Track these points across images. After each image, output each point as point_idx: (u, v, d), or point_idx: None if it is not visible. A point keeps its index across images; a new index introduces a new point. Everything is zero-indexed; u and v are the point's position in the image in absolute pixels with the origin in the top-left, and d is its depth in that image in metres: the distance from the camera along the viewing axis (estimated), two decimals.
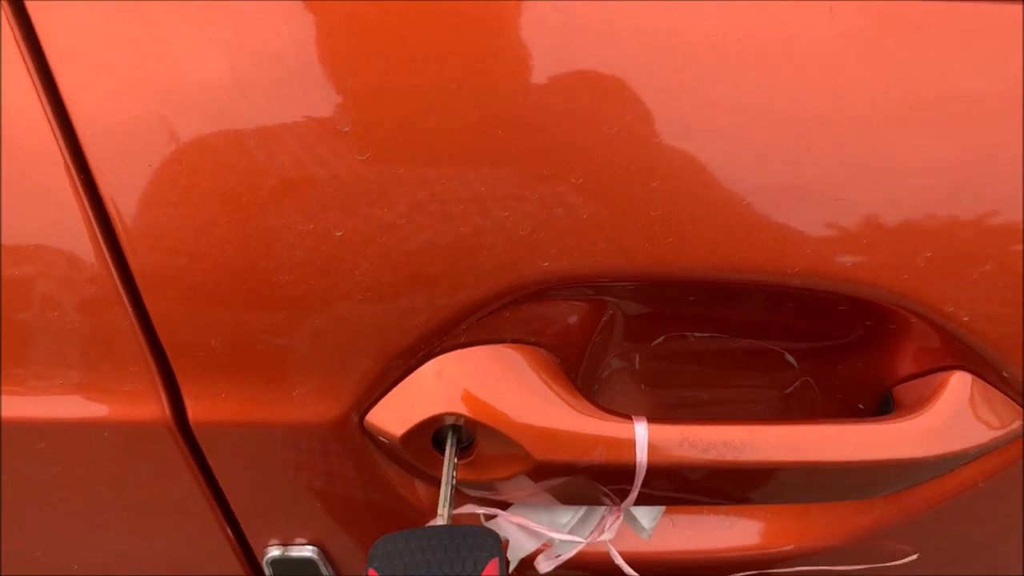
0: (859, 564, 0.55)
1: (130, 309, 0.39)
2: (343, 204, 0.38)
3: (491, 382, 0.43)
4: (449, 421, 0.43)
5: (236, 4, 0.35)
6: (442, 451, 0.45)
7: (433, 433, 0.44)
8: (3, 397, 0.42)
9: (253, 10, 0.35)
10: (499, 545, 0.40)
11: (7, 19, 0.36)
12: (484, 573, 0.38)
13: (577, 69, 0.37)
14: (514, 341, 0.44)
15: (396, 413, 0.43)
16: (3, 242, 0.39)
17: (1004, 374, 0.45)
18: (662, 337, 0.48)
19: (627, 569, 0.50)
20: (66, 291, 0.39)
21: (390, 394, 0.43)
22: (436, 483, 0.48)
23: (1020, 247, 0.41)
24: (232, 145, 0.37)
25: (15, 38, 0.36)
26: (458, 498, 0.49)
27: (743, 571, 0.54)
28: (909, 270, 0.41)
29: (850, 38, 0.37)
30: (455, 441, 0.44)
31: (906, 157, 0.39)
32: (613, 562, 0.51)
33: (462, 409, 0.42)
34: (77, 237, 0.38)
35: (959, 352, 0.45)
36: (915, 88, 0.38)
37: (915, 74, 0.38)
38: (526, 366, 0.44)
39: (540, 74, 0.37)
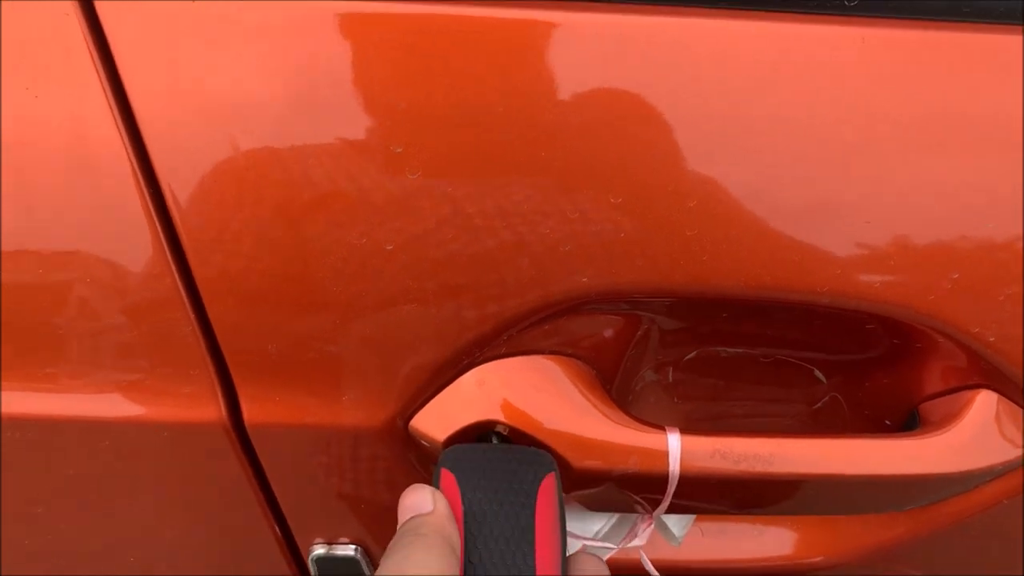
0: None
1: (192, 314, 0.42)
2: (395, 220, 0.40)
3: (530, 392, 0.45)
4: (490, 428, 0.45)
5: (294, 29, 0.38)
6: None
7: (474, 440, 0.46)
8: (71, 395, 0.44)
9: (310, 35, 0.38)
10: (554, 463, 0.43)
11: (84, 38, 0.39)
12: (543, 483, 0.41)
13: (619, 93, 0.39)
14: (552, 353, 0.46)
15: (439, 419, 0.45)
16: (75, 247, 0.41)
17: None
18: (695, 352, 0.50)
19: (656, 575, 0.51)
20: (132, 295, 0.42)
21: (433, 401, 0.45)
22: None
23: None
24: (288, 159, 0.39)
25: (91, 56, 0.39)
26: None
27: None
28: (936, 291, 0.42)
29: (881, 64, 0.39)
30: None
31: (934, 181, 0.41)
32: (644, 569, 0.53)
33: (502, 417, 0.44)
34: (143, 243, 0.41)
35: (985, 371, 0.47)
36: (944, 113, 0.40)
37: (944, 99, 0.39)
38: (564, 377, 0.46)
39: (584, 98, 0.39)
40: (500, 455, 0.43)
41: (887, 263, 0.42)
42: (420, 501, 0.40)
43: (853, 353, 0.49)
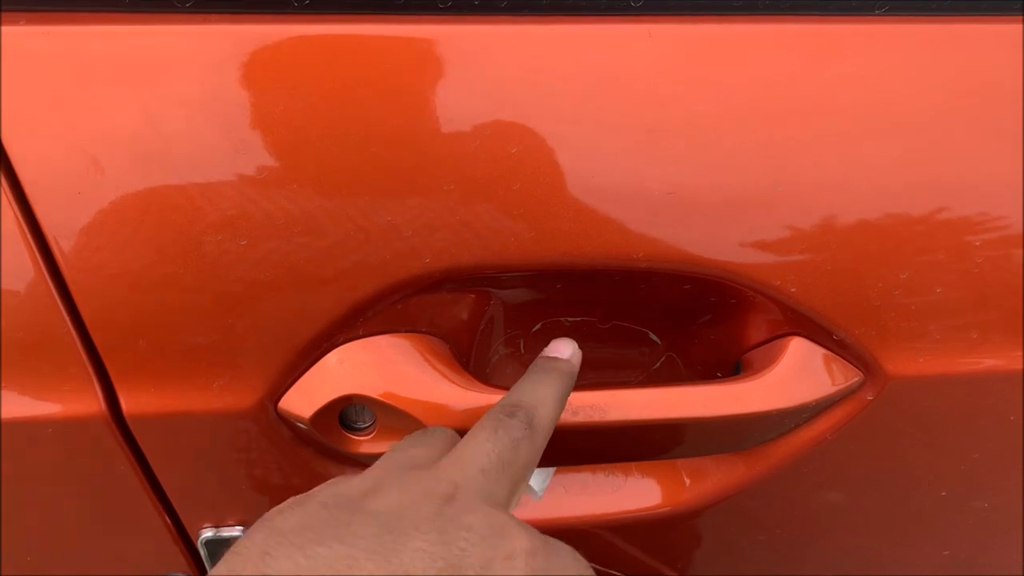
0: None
1: (68, 318, 0.46)
2: (249, 219, 0.45)
3: (386, 365, 0.49)
4: (351, 403, 0.50)
5: (163, 64, 0.42)
6: (349, 430, 0.52)
7: (339, 414, 0.50)
8: None
9: (180, 69, 0.42)
10: None
11: None
12: None
13: (445, 97, 0.44)
14: (407, 331, 0.51)
15: (304, 398, 0.49)
16: None
17: (835, 337, 0.53)
18: (540, 323, 0.55)
19: None
20: (9, 302, 0.45)
21: (298, 382, 0.49)
22: (348, 462, 0.54)
23: (836, 226, 0.49)
24: (161, 187, 0.44)
25: None
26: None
27: (627, 530, 0.60)
28: (736, 249, 0.48)
29: (672, 60, 0.45)
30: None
31: (727, 156, 0.47)
32: None
33: (361, 390, 0.49)
34: (20, 255, 0.45)
35: (796, 321, 0.53)
36: (733, 94, 0.46)
37: (726, 86, 0.46)
38: (417, 351, 0.50)
39: (419, 105, 0.44)
40: None
41: (692, 229, 0.48)
42: (561, 346, 0.49)
43: (680, 314, 0.55)
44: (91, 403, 0.48)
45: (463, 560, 0.32)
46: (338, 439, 0.51)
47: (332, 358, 0.49)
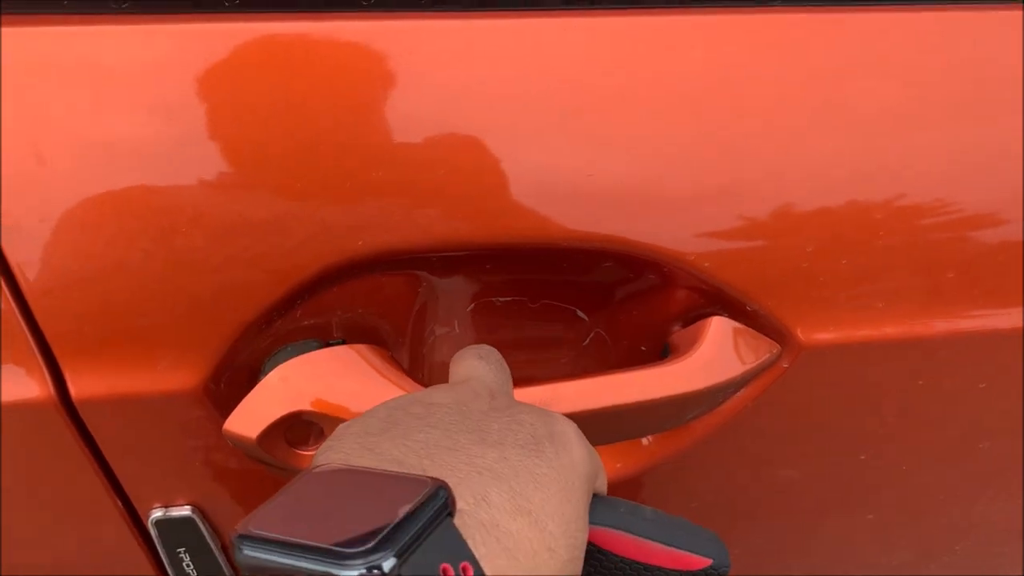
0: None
1: (14, 304, 0.48)
2: (197, 217, 0.47)
3: (330, 379, 0.52)
4: (299, 418, 0.51)
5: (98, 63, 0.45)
6: (297, 447, 0.54)
7: (285, 432, 0.53)
8: None
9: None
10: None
11: None
12: None
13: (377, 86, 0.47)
14: (346, 334, 0.54)
15: (250, 419, 0.51)
16: None
17: (748, 308, 0.56)
18: (473, 304, 0.58)
19: None
20: None
21: (242, 403, 0.51)
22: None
23: (744, 205, 0.52)
24: (102, 179, 0.46)
25: None
26: None
27: None
28: (650, 229, 0.52)
29: (591, 50, 0.49)
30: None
31: (642, 143, 0.50)
32: None
33: (307, 406, 0.51)
34: None
35: (712, 295, 0.56)
36: (643, 80, 0.49)
37: (641, 69, 0.49)
38: (361, 361, 0.53)
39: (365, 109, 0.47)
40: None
41: (605, 208, 0.51)
42: None
43: (603, 292, 0.58)
44: (40, 388, 0.50)
45: (535, 432, 0.37)
46: (285, 456, 0.53)
47: (275, 376, 0.51)
